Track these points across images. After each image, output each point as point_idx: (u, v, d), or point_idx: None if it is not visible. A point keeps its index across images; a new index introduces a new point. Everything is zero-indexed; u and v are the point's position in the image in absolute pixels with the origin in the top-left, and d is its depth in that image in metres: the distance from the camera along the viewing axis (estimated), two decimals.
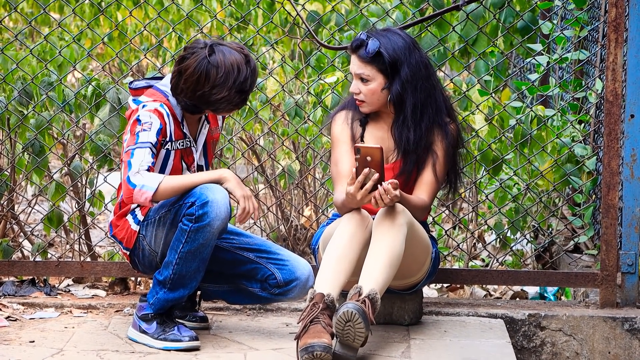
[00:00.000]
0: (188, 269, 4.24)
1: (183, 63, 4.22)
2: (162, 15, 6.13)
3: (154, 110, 4.23)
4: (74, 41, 5.46)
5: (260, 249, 4.47)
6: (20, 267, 5.05)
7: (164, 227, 4.29)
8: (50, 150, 5.20)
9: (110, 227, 4.42)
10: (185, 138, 4.34)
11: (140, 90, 4.34)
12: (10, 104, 5.14)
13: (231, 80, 4.18)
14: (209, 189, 4.16)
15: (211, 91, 4.20)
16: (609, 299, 4.84)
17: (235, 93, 4.21)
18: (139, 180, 4.13)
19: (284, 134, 5.65)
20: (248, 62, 4.23)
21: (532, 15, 5.25)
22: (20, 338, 4.45)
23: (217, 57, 4.19)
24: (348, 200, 4.26)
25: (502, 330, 4.65)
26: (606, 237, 4.78)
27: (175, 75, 4.25)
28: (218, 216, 4.14)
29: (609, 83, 4.70)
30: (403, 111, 4.42)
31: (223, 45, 4.24)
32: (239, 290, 4.52)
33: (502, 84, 5.35)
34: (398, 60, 4.37)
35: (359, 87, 4.43)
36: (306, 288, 4.40)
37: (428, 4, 5.24)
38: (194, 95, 4.22)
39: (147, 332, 4.34)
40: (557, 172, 5.24)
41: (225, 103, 4.23)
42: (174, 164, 4.33)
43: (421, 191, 4.46)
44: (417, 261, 4.45)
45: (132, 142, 4.19)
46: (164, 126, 4.24)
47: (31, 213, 5.61)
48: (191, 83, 4.20)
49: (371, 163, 4.18)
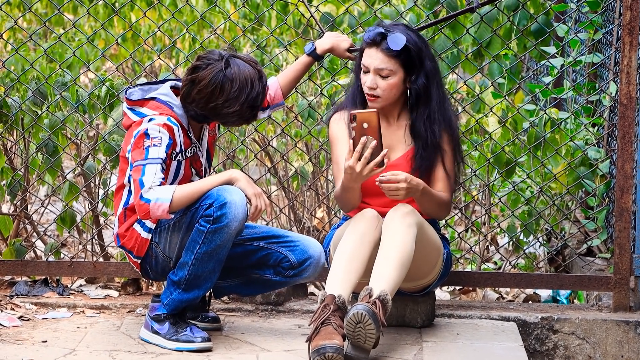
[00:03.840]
0: (204, 269, 4.24)
1: (197, 73, 4.21)
2: (175, 16, 6.14)
3: (164, 125, 4.21)
4: (88, 41, 5.47)
5: (268, 235, 4.47)
6: (33, 267, 5.06)
7: (179, 231, 4.29)
8: (63, 151, 5.21)
9: (117, 238, 4.40)
10: (192, 144, 4.35)
11: (140, 102, 4.32)
12: (24, 104, 5.15)
13: (244, 95, 4.19)
14: (226, 190, 4.16)
15: (224, 104, 4.20)
16: (622, 303, 4.83)
17: (247, 108, 4.22)
18: (152, 195, 4.13)
19: (297, 135, 5.65)
20: (261, 78, 4.23)
21: (546, 18, 5.24)
22: (32, 338, 4.46)
23: (233, 70, 4.19)
24: (347, 177, 4.21)
25: (515, 333, 4.64)
26: (619, 240, 4.77)
27: (187, 84, 4.24)
28: (236, 217, 4.15)
29: (623, 86, 4.69)
30: (428, 105, 4.38)
31: (238, 58, 4.23)
32: (251, 281, 4.52)
33: (515, 87, 5.34)
34: (422, 53, 4.35)
35: (376, 82, 4.37)
36: (319, 265, 4.42)
37: (442, 6, 5.24)
38: (206, 106, 4.22)
39: (159, 332, 4.35)
40: (570, 175, 5.23)
41: (236, 117, 4.24)
42: (185, 172, 4.33)
43: (440, 187, 4.46)
44: (428, 262, 4.44)
45: (141, 156, 4.18)
46: (174, 140, 4.23)
47: (44, 213, 5.63)
48: (205, 94, 4.20)
49: (368, 130, 4.14)
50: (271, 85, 4.59)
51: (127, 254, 4.41)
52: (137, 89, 4.33)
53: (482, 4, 4.98)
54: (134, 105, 4.30)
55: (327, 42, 4.62)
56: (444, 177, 4.47)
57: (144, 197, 4.13)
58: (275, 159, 5.86)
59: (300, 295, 5.06)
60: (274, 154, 5.91)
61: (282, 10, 7.38)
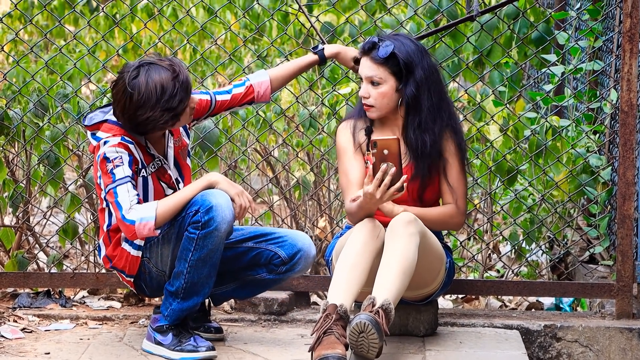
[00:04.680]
0: (199, 275, 4.24)
1: (114, 89, 4.24)
2: (176, 27, 6.14)
3: (118, 144, 4.21)
4: (89, 53, 5.48)
5: (256, 234, 4.47)
6: (35, 278, 5.06)
7: (169, 243, 4.29)
8: (65, 162, 5.21)
9: (108, 260, 4.39)
10: (155, 159, 4.34)
11: (97, 126, 4.31)
12: (25, 115, 5.16)
13: (153, 100, 4.16)
14: (210, 194, 4.17)
15: (136, 112, 4.19)
16: (625, 310, 4.83)
17: (161, 111, 4.19)
18: (134, 215, 4.13)
19: (298, 145, 5.66)
20: (176, 78, 4.20)
21: (547, 26, 5.24)
22: (35, 350, 4.46)
23: (140, 79, 4.17)
24: (366, 201, 4.24)
25: (518, 342, 4.63)
26: (622, 247, 4.77)
27: (112, 101, 4.27)
28: (224, 219, 4.15)
29: (623, 93, 4.69)
30: (418, 114, 4.41)
31: (152, 64, 4.21)
32: (246, 283, 4.52)
33: (516, 95, 5.35)
34: (412, 62, 4.37)
35: (369, 91, 4.42)
36: (310, 257, 4.42)
37: (442, 15, 5.24)
38: (125, 117, 4.22)
39: (162, 343, 4.34)
40: (572, 182, 5.23)
41: (154, 122, 4.22)
42: (155, 187, 4.33)
43: (447, 198, 4.48)
44: (431, 271, 4.44)
45: (110, 180, 4.19)
46: (134, 157, 4.24)
47: (46, 225, 5.63)
48: (120, 107, 4.21)
49: (388, 156, 4.15)
50: (262, 82, 4.58)
51: (119, 274, 4.40)
52: (97, 112, 4.34)
53: (483, 12, 4.99)
54: (92, 129, 4.31)
55: (336, 47, 4.64)
56: (447, 189, 4.48)
57: (127, 218, 4.14)
58: (276, 169, 5.86)
59: (302, 304, 5.07)
60: (276, 164, 5.92)
61: (282, 20, 7.39)
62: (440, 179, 4.50)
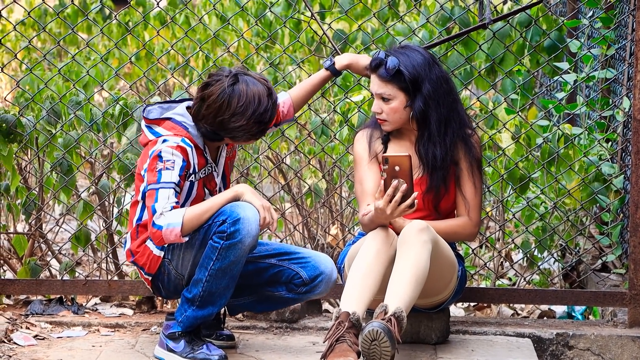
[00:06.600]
0: (218, 286, 4.25)
1: (206, 90, 4.25)
2: (189, 35, 6.16)
3: (177, 147, 4.23)
4: (102, 60, 5.49)
5: (280, 252, 4.48)
6: (48, 285, 5.07)
7: (192, 249, 4.29)
8: (78, 169, 5.22)
9: (131, 254, 4.42)
10: (207, 164, 4.36)
11: (157, 121, 4.35)
12: (38, 123, 5.17)
13: (251, 110, 4.21)
14: (239, 206, 4.18)
15: (231, 118, 4.22)
16: (637, 319, 4.81)
17: (253, 123, 4.24)
18: (163, 221, 4.16)
19: (310, 152, 5.66)
20: (270, 95, 4.25)
21: (559, 34, 5.24)
22: (48, 357, 4.47)
23: (240, 86, 4.22)
24: (377, 215, 4.26)
25: (530, 350, 4.63)
26: (634, 255, 4.76)
27: (197, 102, 4.27)
28: (249, 233, 4.16)
29: (636, 101, 4.69)
30: (427, 127, 4.42)
31: (247, 75, 4.26)
32: (264, 298, 4.53)
33: (528, 103, 5.34)
34: (419, 77, 4.37)
35: (380, 107, 4.44)
36: (331, 281, 4.43)
37: (454, 23, 5.24)
38: (214, 121, 4.24)
39: (174, 350, 4.35)
40: (584, 190, 5.22)
41: (243, 132, 4.25)
42: (197, 192, 4.35)
43: (460, 209, 4.49)
44: (443, 279, 4.44)
45: (154, 179, 4.21)
46: (188, 162, 4.25)
47: (59, 232, 5.65)
48: (213, 110, 4.22)
49: (399, 173, 4.17)
50: (285, 101, 4.61)
51: (139, 270, 4.42)
52: (156, 107, 4.36)
53: (495, 20, 4.99)
54: (151, 123, 4.33)
55: (346, 57, 4.64)
56: (461, 200, 4.49)
57: (155, 223, 4.16)
58: (288, 176, 5.87)
59: (314, 312, 5.06)
60: (288, 171, 5.92)
61: (294, 27, 7.40)
62: (455, 192, 4.51)
